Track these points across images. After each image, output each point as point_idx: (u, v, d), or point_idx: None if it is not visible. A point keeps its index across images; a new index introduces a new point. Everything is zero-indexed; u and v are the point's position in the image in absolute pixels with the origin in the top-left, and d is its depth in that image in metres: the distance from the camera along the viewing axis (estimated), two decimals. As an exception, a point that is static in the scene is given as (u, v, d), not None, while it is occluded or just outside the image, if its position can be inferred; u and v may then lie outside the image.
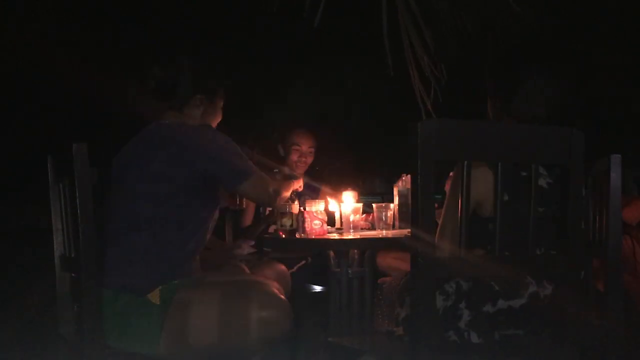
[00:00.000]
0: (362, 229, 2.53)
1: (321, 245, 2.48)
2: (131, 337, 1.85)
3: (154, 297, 1.88)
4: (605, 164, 1.92)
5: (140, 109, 2.11)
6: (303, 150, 3.44)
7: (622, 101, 4.50)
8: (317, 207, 2.40)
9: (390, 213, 2.52)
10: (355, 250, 2.53)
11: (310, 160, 3.48)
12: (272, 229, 3.15)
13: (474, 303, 1.71)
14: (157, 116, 2.11)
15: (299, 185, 2.54)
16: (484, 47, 3.96)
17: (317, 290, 3.23)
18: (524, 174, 1.68)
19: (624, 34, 4.22)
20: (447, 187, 1.86)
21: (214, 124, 2.22)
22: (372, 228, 2.60)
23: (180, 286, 1.93)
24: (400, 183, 2.66)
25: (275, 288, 2.02)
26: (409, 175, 2.35)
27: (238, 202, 2.67)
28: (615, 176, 1.89)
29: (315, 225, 2.37)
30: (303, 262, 3.25)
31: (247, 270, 2.67)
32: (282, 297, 1.92)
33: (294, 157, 3.43)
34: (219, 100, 2.21)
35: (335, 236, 2.39)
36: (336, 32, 3.94)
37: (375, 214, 2.52)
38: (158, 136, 2.05)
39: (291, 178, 2.56)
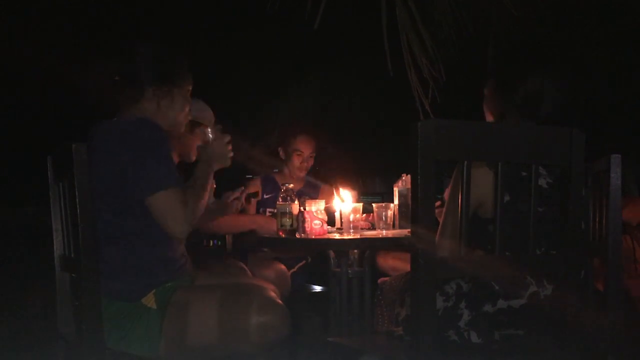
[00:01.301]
0: (362, 229, 2.53)
1: (321, 245, 2.48)
2: (130, 340, 1.85)
3: (149, 301, 1.88)
4: (605, 163, 1.92)
5: (107, 104, 2.02)
6: (305, 156, 3.48)
7: (622, 100, 4.50)
8: (317, 207, 2.40)
9: (390, 213, 2.51)
10: (355, 250, 2.52)
11: (311, 164, 3.53)
12: None
13: (474, 303, 1.71)
14: (114, 112, 2.02)
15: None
16: (484, 47, 3.96)
17: (317, 290, 3.23)
18: (524, 174, 1.68)
19: (624, 34, 4.22)
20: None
21: (176, 118, 2.08)
22: (372, 228, 2.60)
23: (177, 287, 1.92)
24: (400, 183, 2.66)
25: (273, 292, 2.01)
26: (409, 175, 2.35)
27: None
28: (615, 176, 1.89)
29: (315, 225, 2.37)
30: (303, 262, 3.25)
31: (247, 269, 2.67)
32: (280, 302, 1.91)
33: (296, 162, 3.47)
34: (178, 92, 2.06)
35: (335, 236, 2.39)
36: (336, 33, 3.94)
37: (375, 214, 2.52)
38: (91, 145, 1.88)
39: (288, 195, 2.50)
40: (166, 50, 2.06)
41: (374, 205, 2.54)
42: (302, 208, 2.42)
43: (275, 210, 2.49)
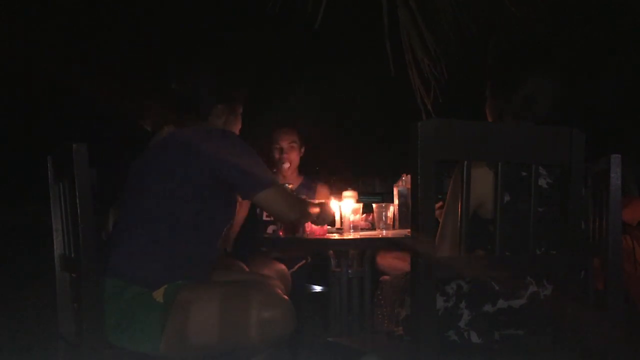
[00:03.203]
0: (362, 229, 2.53)
1: (321, 245, 2.48)
2: (133, 333, 1.85)
3: (159, 295, 1.89)
4: (605, 163, 1.92)
5: (163, 122, 2.12)
6: (284, 147, 3.35)
7: (622, 100, 4.50)
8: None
9: (390, 213, 2.52)
10: (355, 250, 2.53)
11: (294, 156, 3.38)
12: (270, 229, 3.15)
13: (474, 303, 1.71)
14: (181, 126, 2.13)
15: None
16: (485, 47, 3.96)
17: (317, 290, 3.23)
18: (524, 174, 1.68)
19: (624, 34, 4.22)
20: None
21: (236, 131, 2.23)
22: (372, 228, 2.60)
23: (183, 286, 1.93)
24: (400, 183, 2.66)
25: (278, 288, 2.02)
26: (409, 175, 2.35)
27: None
28: (615, 176, 1.89)
29: (315, 226, 2.38)
30: (303, 261, 3.24)
31: (247, 269, 2.67)
32: (285, 297, 1.92)
33: (276, 155, 3.35)
34: (238, 108, 2.22)
35: (335, 236, 2.39)
36: (337, 33, 3.94)
37: (375, 214, 2.52)
38: (179, 140, 2.04)
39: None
40: (232, 67, 2.20)
41: (374, 205, 2.54)
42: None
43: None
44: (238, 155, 1.99)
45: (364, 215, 2.62)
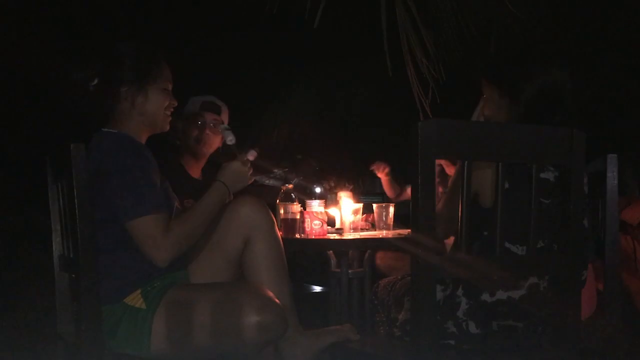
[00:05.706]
0: (362, 229, 2.53)
1: (321, 245, 2.48)
2: (119, 341, 1.83)
3: (136, 301, 1.86)
4: (602, 163, 1.92)
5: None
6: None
7: (622, 100, 4.50)
8: (317, 208, 2.40)
9: (390, 213, 2.51)
10: (355, 251, 2.52)
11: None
12: (252, 156, 2.95)
13: (471, 290, 1.70)
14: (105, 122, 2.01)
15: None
16: (485, 47, 3.96)
17: (317, 290, 3.23)
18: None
19: (624, 33, 4.22)
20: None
21: (154, 115, 2.01)
22: (372, 228, 2.60)
23: (168, 286, 1.90)
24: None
25: (270, 291, 1.99)
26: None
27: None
28: (612, 176, 1.89)
29: (315, 226, 2.37)
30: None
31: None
32: (277, 301, 1.89)
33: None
34: (155, 88, 1.99)
35: (335, 236, 2.39)
36: (336, 33, 3.94)
37: (375, 214, 2.52)
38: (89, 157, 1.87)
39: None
40: (134, 47, 2.00)
41: (374, 205, 2.54)
42: (302, 208, 2.43)
43: None
44: (120, 175, 1.83)
45: (364, 215, 2.62)
